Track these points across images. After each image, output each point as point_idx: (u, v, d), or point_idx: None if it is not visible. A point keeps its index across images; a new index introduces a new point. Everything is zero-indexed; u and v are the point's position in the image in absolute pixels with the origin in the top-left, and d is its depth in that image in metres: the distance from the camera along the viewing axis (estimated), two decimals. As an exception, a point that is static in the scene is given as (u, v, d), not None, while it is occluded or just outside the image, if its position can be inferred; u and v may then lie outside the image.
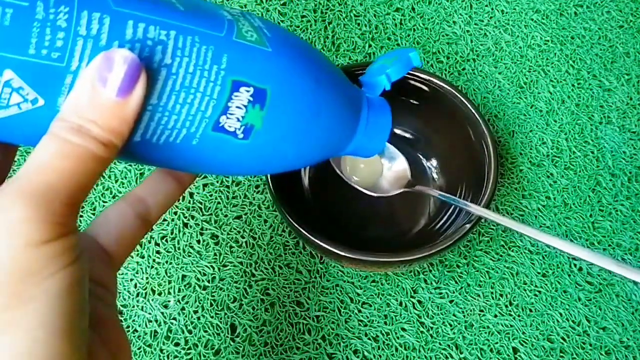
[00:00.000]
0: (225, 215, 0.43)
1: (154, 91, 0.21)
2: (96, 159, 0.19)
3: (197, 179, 0.44)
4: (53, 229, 0.18)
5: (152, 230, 0.42)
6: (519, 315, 0.41)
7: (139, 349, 0.39)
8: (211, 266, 0.41)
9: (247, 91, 0.23)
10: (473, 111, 0.39)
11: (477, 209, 0.36)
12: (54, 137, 0.19)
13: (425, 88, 0.41)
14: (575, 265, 0.42)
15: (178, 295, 0.40)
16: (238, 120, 0.23)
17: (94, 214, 0.42)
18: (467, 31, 0.50)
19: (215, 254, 0.42)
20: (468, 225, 0.36)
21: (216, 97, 0.22)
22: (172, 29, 0.21)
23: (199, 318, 0.40)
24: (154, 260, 0.41)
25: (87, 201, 0.43)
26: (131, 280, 0.41)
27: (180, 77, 0.21)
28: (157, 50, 0.21)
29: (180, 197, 0.43)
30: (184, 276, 0.41)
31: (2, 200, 0.18)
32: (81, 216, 0.42)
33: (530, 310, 0.41)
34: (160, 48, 0.21)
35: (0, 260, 0.18)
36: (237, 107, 0.23)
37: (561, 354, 0.40)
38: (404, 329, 0.40)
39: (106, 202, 0.43)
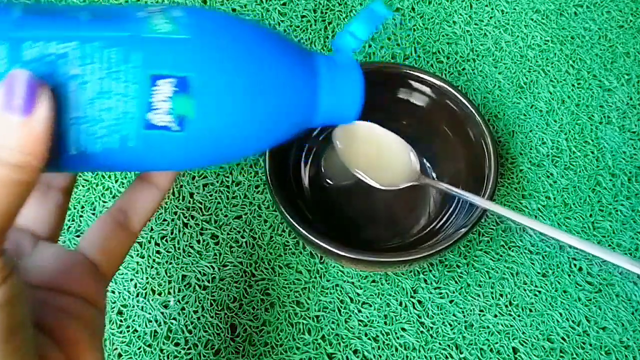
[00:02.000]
0: (225, 215, 0.43)
1: (70, 104, 0.21)
2: (15, 183, 0.19)
3: (197, 178, 0.44)
4: None
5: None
6: (519, 315, 0.41)
7: (139, 349, 0.39)
8: (211, 266, 0.41)
9: (168, 83, 0.23)
10: (473, 111, 0.39)
11: (482, 202, 0.35)
12: None
13: (426, 88, 0.41)
14: (575, 265, 0.42)
15: (178, 295, 0.40)
16: (167, 113, 0.23)
17: (94, 214, 0.42)
18: (467, 31, 0.50)
19: (215, 254, 0.42)
20: (468, 225, 0.36)
21: (136, 96, 0.22)
22: (72, 41, 0.21)
23: (199, 318, 0.40)
24: (154, 260, 0.41)
25: (87, 201, 0.43)
26: (131, 280, 0.41)
27: (94, 85, 0.22)
28: (60, 63, 0.21)
29: (180, 197, 0.43)
30: (184, 276, 0.41)
31: None
32: (81, 216, 0.42)
33: (530, 310, 0.41)
34: (64, 61, 0.21)
35: None
36: (162, 100, 0.23)
37: (561, 354, 0.40)
38: (404, 329, 0.40)
39: (106, 202, 0.43)
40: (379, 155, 0.39)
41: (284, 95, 0.26)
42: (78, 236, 0.42)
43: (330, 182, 0.42)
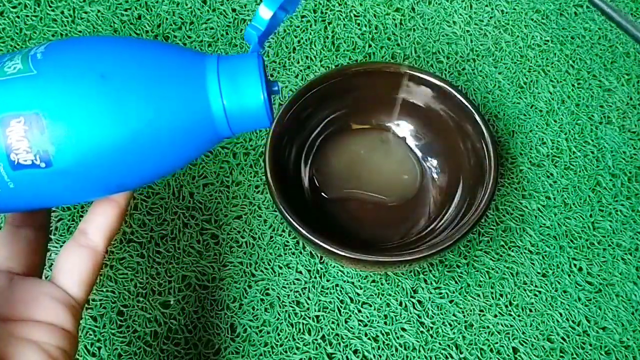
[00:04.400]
0: (225, 215, 0.43)
1: None
2: None
3: (197, 179, 0.44)
4: None
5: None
6: (519, 315, 0.41)
7: (139, 349, 0.39)
8: (211, 266, 0.41)
9: (19, 122, 0.23)
10: (473, 111, 0.39)
11: None
12: None
13: (426, 88, 0.41)
14: (575, 265, 0.42)
15: (178, 295, 0.40)
16: (27, 152, 0.23)
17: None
18: (467, 31, 0.50)
19: (215, 254, 0.42)
20: (468, 226, 0.36)
21: None
22: None
23: (199, 318, 0.40)
24: (154, 260, 0.41)
25: (84, 210, 0.43)
26: (131, 280, 0.41)
27: None
28: None
29: (180, 197, 0.43)
30: (184, 276, 0.41)
31: None
32: (81, 216, 0.42)
33: (530, 310, 0.41)
34: None
35: None
36: (17, 140, 0.23)
37: (561, 354, 0.40)
38: (404, 329, 0.40)
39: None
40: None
41: (158, 112, 0.24)
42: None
43: (326, 196, 0.42)
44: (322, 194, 0.42)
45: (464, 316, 0.41)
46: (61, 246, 0.30)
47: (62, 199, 0.26)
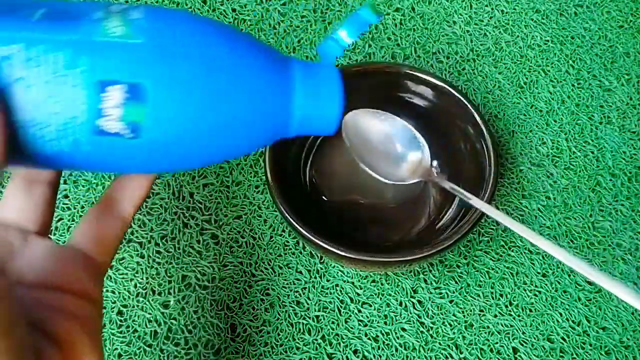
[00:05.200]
0: (225, 215, 0.43)
1: (17, 106, 0.21)
2: None
3: (197, 178, 0.44)
4: None
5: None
6: (519, 315, 0.41)
7: (139, 349, 0.39)
8: (211, 266, 0.41)
9: (119, 89, 0.22)
10: (473, 111, 0.39)
11: (485, 207, 0.34)
12: None
13: (426, 88, 0.41)
14: (575, 265, 0.42)
15: (178, 295, 0.40)
16: (119, 120, 0.22)
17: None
18: (467, 31, 0.50)
19: (215, 254, 0.42)
20: (468, 226, 0.36)
21: (85, 101, 0.22)
22: (18, 42, 0.21)
23: (199, 318, 0.40)
24: (154, 260, 0.41)
25: (87, 201, 0.43)
26: (131, 280, 0.41)
27: (39, 88, 0.21)
28: (4, 65, 0.20)
29: (180, 197, 0.43)
30: (184, 276, 0.41)
31: None
32: (81, 215, 0.42)
33: (530, 310, 0.41)
34: (8, 63, 0.21)
35: None
36: (112, 107, 0.22)
37: (561, 354, 0.40)
38: (404, 329, 0.40)
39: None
40: (389, 150, 0.38)
41: (249, 104, 0.25)
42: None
43: (325, 198, 0.42)
44: (323, 197, 0.42)
45: (464, 316, 0.41)
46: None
47: (126, 168, 0.25)
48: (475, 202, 0.35)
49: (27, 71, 0.21)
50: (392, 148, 0.39)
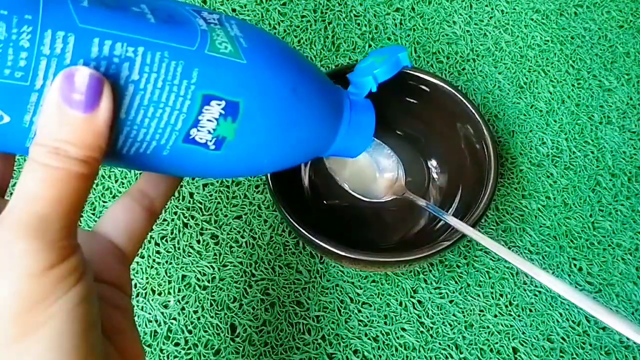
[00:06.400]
0: (225, 215, 0.43)
1: (122, 106, 0.21)
2: (81, 177, 0.19)
3: (197, 178, 0.44)
4: (54, 255, 0.19)
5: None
6: (519, 315, 0.41)
7: (139, 349, 0.39)
8: (211, 266, 0.41)
9: (219, 105, 0.23)
10: (473, 111, 0.39)
11: (460, 225, 0.35)
12: (35, 164, 0.19)
13: (426, 88, 0.41)
14: (575, 265, 0.42)
15: (178, 295, 0.40)
16: (209, 132, 0.23)
17: (93, 214, 0.42)
18: (467, 31, 0.50)
19: (215, 254, 0.42)
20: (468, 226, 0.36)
21: (186, 111, 0.22)
22: (140, 45, 0.21)
23: (199, 318, 0.40)
24: (154, 260, 0.41)
25: (87, 201, 0.43)
26: (131, 280, 0.40)
27: (149, 93, 0.21)
28: (124, 66, 0.21)
29: (180, 197, 0.43)
30: (184, 276, 0.41)
31: (0, 235, 0.18)
32: (81, 216, 0.42)
33: (530, 310, 0.41)
34: (128, 65, 0.21)
35: (5, 294, 0.18)
36: (208, 120, 0.23)
37: (561, 354, 0.40)
38: (404, 329, 0.40)
39: (106, 202, 0.43)
40: (364, 169, 0.40)
41: (314, 129, 0.27)
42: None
43: (326, 202, 0.42)
44: (324, 201, 0.42)
45: (464, 316, 0.41)
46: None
47: (196, 174, 0.26)
48: (450, 219, 0.36)
49: (142, 75, 0.21)
50: (368, 166, 0.40)
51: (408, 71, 0.41)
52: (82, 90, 0.19)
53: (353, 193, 0.39)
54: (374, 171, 0.40)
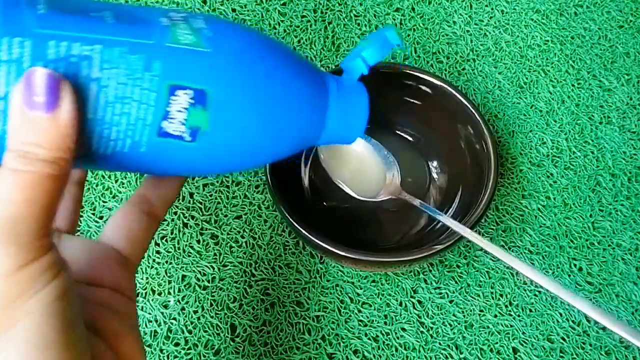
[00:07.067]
0: (225, 215, 0.43)
1: (89, 105, 0.21)
2: (51, 179, 0.20)
3: (197, 178, 0.44)
4: (27, 254, 0.19)
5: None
6: (519, 315, 0.41)
7: (139, 349, 0.39)
8: (211, 266, 0.41)
9: (186, 94, 0.23)
10: (473, 111, 0.39)
11: (457, 226, 0.35)
12: (6, 169, 0.19)
13: (426, 88, 0.41)
14: (575, 265, 0.42)
15: (178, 295, 0.40)
16: (182, 123, 0.23)
17: (94, 214, 0.42)
18: (467, 31, 0.50)
19: (215, 254, 0.42)
20: (468, 226, 0.36)
21: (153, 104, 0.23)
22: (97, 44, 0.21)
23: (199, 318, 0.40)
24: (153, 260, 0.41)
25: (87, 201, 0.43)
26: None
27: (112, 89, 0.22)
28: (83, 65, 0.21)
29: (180, 197, 0.43)
30: (184, 276, 0.41)
31: None
32: (81, 216, 0.42)
33: (530, 310, 0.41)
34: (87, 63, 0.21)
35: None
36: (178, 110, 0.23)
37: (561, 354, 0.40)
38: (404, 329, 0.40)
39: (106, 201, 0.43)
40: (360, 167, 0.39)
41: (295, 114, 0.27)
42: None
43: (326, 204, 0.42)
44: (324, 203, 0.42)
45: (464, 316, 0.41)
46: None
47: (180, 171, 0.26)
48: (446, 220, 0.36)
49: (103, 72, 0.21)
50: (364, 166, 0.39)
51: (408, 71, 0.41)
52: (41, 91, 0.19)
53: (349, 191, 0.38)
54: (370, 170, 0.39)
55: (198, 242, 0.42)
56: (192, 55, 0.23)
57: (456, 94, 0.40)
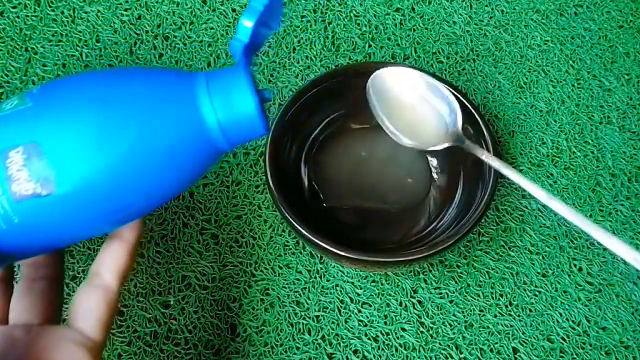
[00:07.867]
0: (225, 215, 0.43)
1: None
2: None
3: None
4: None
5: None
6: (519, 315, 0.41)
7: (139, 349, 0.39)
8: (211, 266, 0.41)
9: (17, 152, 0.23)
10: (473, 111, 0.39)
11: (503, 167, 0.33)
12: None
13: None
14: (575, 265, 0.42)
15: (178, 295, 0.40)
16: (28, 180, 0.23)
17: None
18: (467, 31, 0.50)
19: (215, 254, 0.42)
20: (468, 226, 0.36)
21: None
22: None
23: (199, 318, 0.40)
24: (154, 261, 0.41)
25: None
26: (131, 280, 0.41)
27: None
28: None
29: (180, 197, 0.43)
30: (184, 276, 0.41)
31: None
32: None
33: (530, 310, 0.41)
34: None
35: None
36: (18, 170, 0.23)
37: (561, 354, 0.40)
38: (404, 329, 0.40)
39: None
40: (414, 117, 0.35)
41: (151, 132, 0.25)
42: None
43: (325, 205, 0.42)
44: (323, 204, 0.42)
45: (464, 316, 0.41)
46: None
47: (69, 232, 0.26)
48: (491, 161, 0.33)
49: None
50: (420, 110, 0.35)
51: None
52: None
53: (404, 140, 0.34)
54: (426, 114, 0.35)
55: (198, 242, 0.42)
56: (15, 115, 0.24)
57: (456, 94, 0.40)
